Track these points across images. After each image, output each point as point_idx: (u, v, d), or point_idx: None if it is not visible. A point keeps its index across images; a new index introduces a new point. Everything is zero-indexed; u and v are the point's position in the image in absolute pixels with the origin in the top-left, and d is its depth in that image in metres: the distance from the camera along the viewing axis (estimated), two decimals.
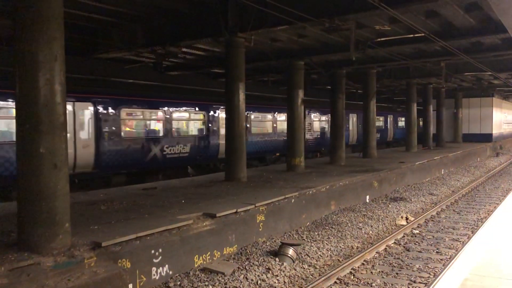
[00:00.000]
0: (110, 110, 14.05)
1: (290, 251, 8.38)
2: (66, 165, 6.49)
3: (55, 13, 6.26)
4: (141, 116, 16.06)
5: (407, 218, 11.95)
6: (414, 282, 7.63)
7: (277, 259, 8.26)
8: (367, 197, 14.30)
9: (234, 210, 8.96)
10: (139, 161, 15.19)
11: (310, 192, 11.60)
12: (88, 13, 12.05)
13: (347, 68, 18.78)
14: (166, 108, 16.32)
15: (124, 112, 14.87)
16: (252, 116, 20.38)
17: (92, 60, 15.89)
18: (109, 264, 6.38)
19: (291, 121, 16.23)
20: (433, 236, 10.57)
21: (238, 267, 7.85)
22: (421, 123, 30.85)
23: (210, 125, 17.90)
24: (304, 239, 9.82)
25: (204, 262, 7.94)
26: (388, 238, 10.04)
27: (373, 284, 7.50)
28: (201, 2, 12.07)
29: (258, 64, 18.08)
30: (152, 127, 16.35)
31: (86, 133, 13.46)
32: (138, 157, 15.09)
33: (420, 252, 9.34)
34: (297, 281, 7.62)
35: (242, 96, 12.98)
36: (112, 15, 12.49)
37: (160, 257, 7.15)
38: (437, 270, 8.11)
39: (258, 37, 13.10)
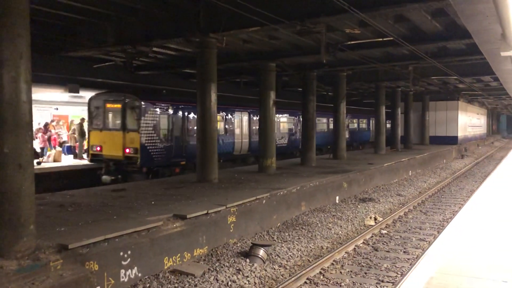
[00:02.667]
0: (255, 116, 20.75)
1: (261, 252, 8.41)
2: (32, 165, 6.31)
3: (21, 8, 6.09)
4: None
5: (375, 219, 12.17)
6: (382, 281, 7.76)
7: (247, 260, 8.27)
8: (337, 197, 14.48)
9: (205, 211, 8.92)
10: None
11: (281, 193, 11.66)
12: (56, 10, 11.76)
13: (319, 70, 18.99)
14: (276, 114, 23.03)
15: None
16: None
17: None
18: (76, 266, 6.24)
19: (263, 122, 16.25)
20: (401, 236, 10.80)
21: (209, 269, 7.83)
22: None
23: (297, 125, 24.74)
24: (275, 240, 9.87)
25: (174, 264, 7.87)
26: (357, 238, 10.19)
27: (342, 284, 7.60)
28: (172, 2, 11.96)
29: (230, 65, 18.08)
30: None
31: (246, 130, 21.38)
32: None
33: (388, 252, 9.52)
34: (267, 281, 7.65)
35: (214, 97, 12.91)
36: (81, 13, 12.23)
37: (129, 259, 7.05)
38: (404, 270, 8.28)
39: (230, 38, 13.08)
